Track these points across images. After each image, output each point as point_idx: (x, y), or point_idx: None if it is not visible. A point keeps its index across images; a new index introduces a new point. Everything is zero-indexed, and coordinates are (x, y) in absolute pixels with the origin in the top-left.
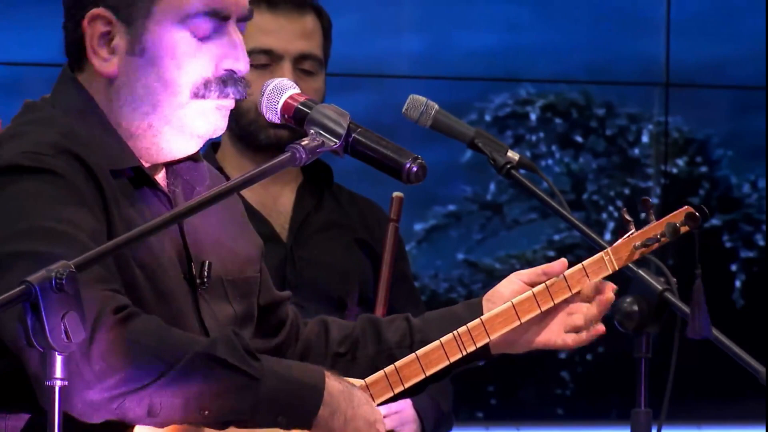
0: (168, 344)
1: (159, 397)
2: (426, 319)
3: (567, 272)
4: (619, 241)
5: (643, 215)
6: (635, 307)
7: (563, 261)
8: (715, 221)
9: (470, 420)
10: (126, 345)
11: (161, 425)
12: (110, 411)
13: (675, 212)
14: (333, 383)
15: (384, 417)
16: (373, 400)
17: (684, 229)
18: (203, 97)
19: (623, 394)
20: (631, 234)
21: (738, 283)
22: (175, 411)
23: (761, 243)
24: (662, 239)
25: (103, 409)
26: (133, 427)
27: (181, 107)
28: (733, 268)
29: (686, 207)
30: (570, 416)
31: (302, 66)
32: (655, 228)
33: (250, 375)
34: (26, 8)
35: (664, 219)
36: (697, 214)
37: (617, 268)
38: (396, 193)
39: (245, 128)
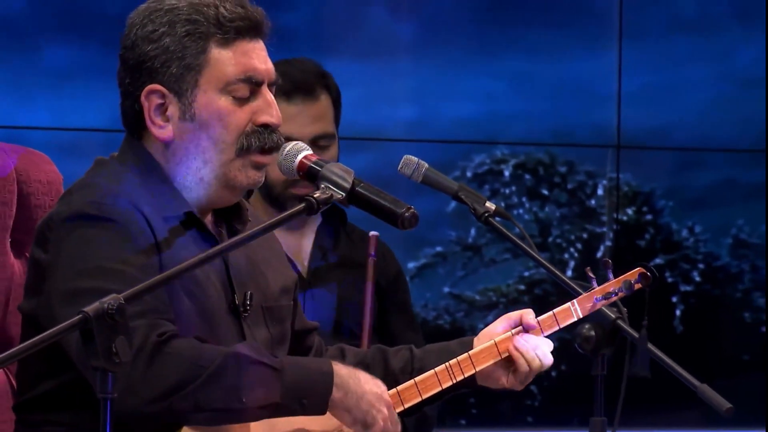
0: (202, 353)
1: (202, 393)
2: (426, 351)
3: (540, 318)
4: (584, 294)
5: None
6: (592, 333)
7: (531, 314)
8: (658, 260)
9: (455, 426)
10: (169, 359)
11: (210, 419)
12: (162, 412)
13: (630, 272)
14: (340, 369)
15: None
16: None
17: (637, 286)
18: (247, 150)
19: (583, 405)
20: (594, 288)
21: (678, 312)
22: (218, 402)
23: (697, 279)
24: (619, 294)
25: (157, 412)
26: (180, 427)
27: (228, 162)
28: (674, 299)
29: (639, 268)
30: (538, 423)
31: (318, 143)
32: (614, 284)
33: (273, 367)
34: (82, 81)
35: (621, 277)
36: (648, 274)
37: (581, 316)
38: (372, 233)
39: (271, 192)
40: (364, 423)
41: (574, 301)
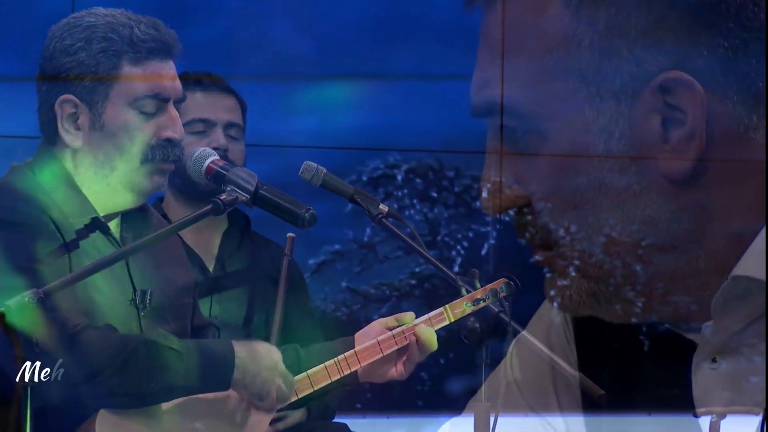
0: (116, 341)
1: (115, 379)
2: (310, 351)
3: (417, 320)
4: (455, 301)
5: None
6: (477, 325)
7: (411, 313)
8: (537, 257)
9: (351, 410)
10: (86, 348)
11: (123, 403)
12: (80, 397)
13: (495, 281)
14: (240, 350)
15: None
16: None
17: (502, 294)
18: (151, 160)
19: (468, 390)
20: (464, 296)
21: (555, 305)
22: (129, 386)
23: (573, 274)
24: (486, 300)
25: (75, 396)
26: (97, 411)
27: (133, 170)
28: (552, 293)
29: (503, 278)
30: (427, 407)
31: (229, 133)
32: (481, 292)
33: (179, 352)
34: (6, 91)
35: (488, 286)
36: (511, 283)
37: (453, 320)
38: (289, 234)
39: (187, 181)
40: (259, 396)
41: (447, 306)
